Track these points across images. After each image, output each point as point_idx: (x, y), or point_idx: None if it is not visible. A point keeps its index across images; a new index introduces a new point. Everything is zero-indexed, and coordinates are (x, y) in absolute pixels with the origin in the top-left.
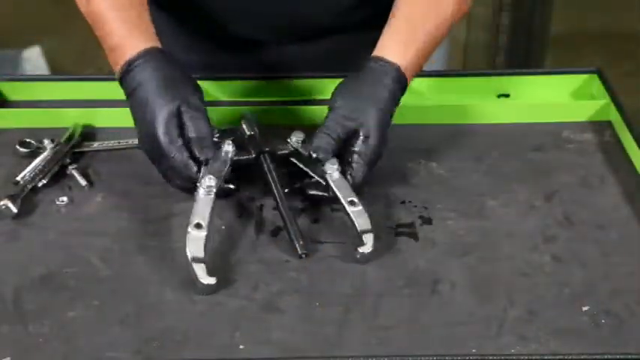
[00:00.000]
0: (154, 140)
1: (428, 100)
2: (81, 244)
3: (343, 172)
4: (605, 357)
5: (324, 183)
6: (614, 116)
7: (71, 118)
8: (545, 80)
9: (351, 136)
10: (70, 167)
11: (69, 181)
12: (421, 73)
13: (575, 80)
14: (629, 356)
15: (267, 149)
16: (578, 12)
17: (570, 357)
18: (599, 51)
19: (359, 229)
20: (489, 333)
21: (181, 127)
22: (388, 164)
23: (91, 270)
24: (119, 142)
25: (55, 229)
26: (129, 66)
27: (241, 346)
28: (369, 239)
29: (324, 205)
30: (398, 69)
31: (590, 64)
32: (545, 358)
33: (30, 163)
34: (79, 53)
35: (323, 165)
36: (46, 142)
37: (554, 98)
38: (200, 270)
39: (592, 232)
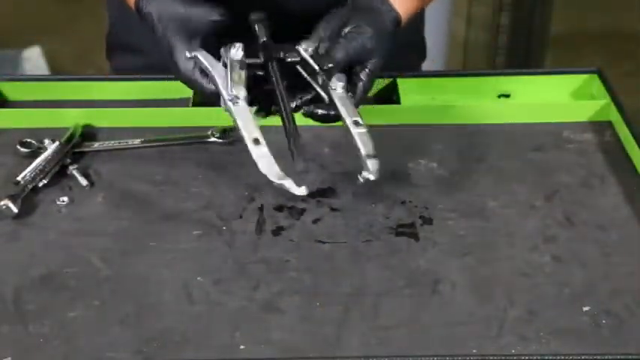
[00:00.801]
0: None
1: (428, 100)
2: (81, 244)
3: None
4: (606, 357)
5: (326, 98)
6: (615, 116)
7: (72, 118)
8: (545, 80)
9: (357, 62)
10: (70, 167)
11: (69, 181)
12: (421, 73)
13: (575, 80)
14: (630, 357)
15: (276, 56)
16: (578, 12)
17: (571, 357)
18: (599, 51)
19: (363, 153)
20: (490, 333)
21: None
22: (389, 164)
23: (91, 270)
24: (119, 142)
25: (55, 229)
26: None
27: (241, 347)
28: (374, 165)
29: (323, 203)
30: (398, 17)
31: (590, 64)
32: (546, 358)
33: (30, 163)
34: (79, 53)
35: (329, 78)
36: (47, 142)
37: (554, 98)
38: (289, 184)
39: (592, 233)
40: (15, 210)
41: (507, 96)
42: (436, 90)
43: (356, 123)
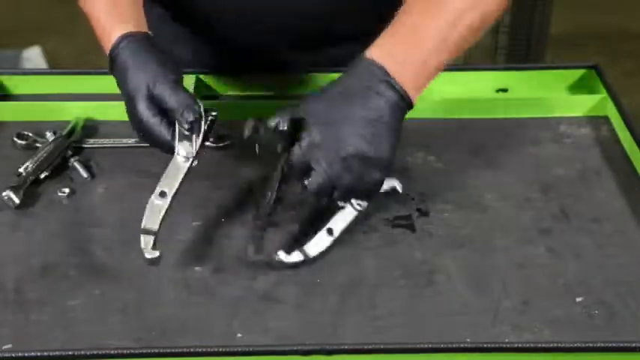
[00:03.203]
0: (136, 117)
1: (426, 94)
2: (82, 235)
3: None
4: (597, 345)
5: None
6: (611, 111)
7: (73, 112)
8: (543, 75)
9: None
10: (71, 159)
11: (71, 173)
12: None
13: (572, 75)
14: (621, 344)
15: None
16: (578, 12)
17: (563, 345)
18: (599, 51)
19: None
20: (484, 323)
21: (160, 103)
22: None
23: (91, 260)
24: (122, 141)
25: (56, 220)
26: (111, 53)
27: (239, 335)
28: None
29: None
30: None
31: None
32: (539, 346)
33: (32, 155)
34: (79, 53)
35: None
36: (48, 134)
37: (551, 93)
38: (148, 243)
39: (587, 225)
40: (17, 201)
41: (505, 91)
42: (435, 84)
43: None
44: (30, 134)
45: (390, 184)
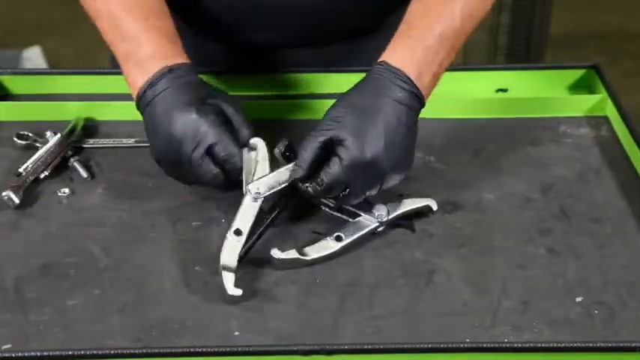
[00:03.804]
0: (176, 149)
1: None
2: (82, 235)
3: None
4: (597, 345)
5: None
6: (611, 111)
7: (73, 111)
8: (543, 75)
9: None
10: (71, 159)
11: (70, 173)
12: None
13: (572, 75)
14: (620, 344)
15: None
16: (578, 12)
17: (563, 346)
18: (599, 51)
19: None
20: (484, 323)
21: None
22: None
23: (91, 260)
24: (122, 141)
25: (56, 220)
26: (149, 84)
27: (236, 333)
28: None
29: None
30: (399, 72)
31: None
32: (539, 346)
33: (32, 155)
34: (79, 53)
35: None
36: (48, 134)
37: (551, 93)
38: (229, 280)
39: (587, 225)
40: (17, 200)
41: (505, 90)
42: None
43: None
44: (30, 134)
45: (424, 202)
